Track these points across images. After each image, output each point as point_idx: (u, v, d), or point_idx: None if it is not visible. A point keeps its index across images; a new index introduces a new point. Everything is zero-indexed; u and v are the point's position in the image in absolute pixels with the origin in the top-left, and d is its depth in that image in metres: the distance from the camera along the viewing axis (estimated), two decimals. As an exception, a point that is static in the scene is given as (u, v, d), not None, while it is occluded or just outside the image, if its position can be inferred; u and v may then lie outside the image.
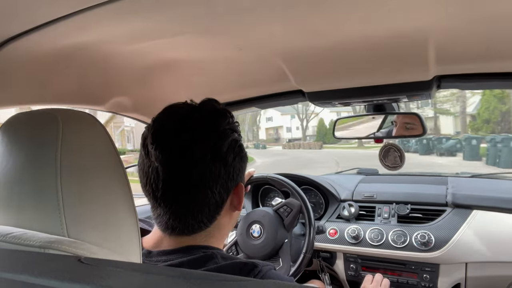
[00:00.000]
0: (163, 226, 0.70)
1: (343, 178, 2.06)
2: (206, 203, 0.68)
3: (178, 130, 0.65)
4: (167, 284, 0.33)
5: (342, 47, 0.90)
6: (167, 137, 0.65)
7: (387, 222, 1.62)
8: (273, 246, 1.39)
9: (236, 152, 0.70)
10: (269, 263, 0.70)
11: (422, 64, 0.99)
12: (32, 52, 0.74)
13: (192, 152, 0.64)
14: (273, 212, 1.46)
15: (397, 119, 1.44)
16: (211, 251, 0.68)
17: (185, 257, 0.67)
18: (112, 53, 0.87)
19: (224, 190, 0.69)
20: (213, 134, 0.67)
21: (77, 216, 0.48)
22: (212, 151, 0.65)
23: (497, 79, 1.08)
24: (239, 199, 0.74)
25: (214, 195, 0.68)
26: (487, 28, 0.79)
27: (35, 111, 0.53)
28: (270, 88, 1.37)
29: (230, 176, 0.69)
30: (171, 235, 0.70)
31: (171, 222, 0.68)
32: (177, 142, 0.64)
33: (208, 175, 0.66)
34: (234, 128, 0.71)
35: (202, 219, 0.69)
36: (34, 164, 0.48)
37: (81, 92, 1.02)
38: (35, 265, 0.38)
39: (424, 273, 1.48)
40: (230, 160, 0.68)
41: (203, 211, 0.68)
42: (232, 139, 0.69)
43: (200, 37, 0.83)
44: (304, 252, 1.41)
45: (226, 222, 0.75)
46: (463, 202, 1.54)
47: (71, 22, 0.64)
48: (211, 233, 0.72)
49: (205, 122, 0.67)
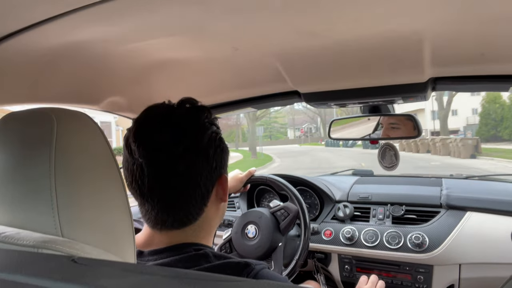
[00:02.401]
0: (152, 222, 0.72)
1: (339, 179, 2.06)
2: (192, 196, 0.70)
3: (159, 126, 0.68)
4: (161, 284, 0.33)
5: (337, 48, 0.90)
6: (150, 134, 0.68)
7: (382, 223, 1.63)
8: (267, 248, 1.39)
9: (216, 145, 0.72)
10: (262, 262, 0.71)
11: (417, 66, 1.00)
12: (26, 51, 0.74)
13: (175, 146, 0.66)
14: (270, 215, 1.45)
15: (383, 120, 1.45)
16: (204, 250, 0.70)
17: (177, 255, 0.68)
18: (107, 52, 0.87)
19: (208, 182, 0.72)
20: (193, 128, 0.69)
21: (71, 215, 0.48)
22: (194, 145, 0.68)
23: (492, 82, 1.09)
24: (223, 190, 0.76)
25: (199, 187, 0.70)
26: (482, 30, 0.79)
27: (29, 110, 0.53)
28: (266, 89, 1.37)
29: (213, 168, 0.72)
30: (161, 230, 0.72)
31: (160, 216, 0.70)
32: (159, 138, 0.67)
33: (191, 168, 0.68)
34: (212, 121, 0.74)
35: (190, 211, 0.71)
36: (28, 163, 0.48)
37: (76, 91, 1.01)
38: (28, 265, 0.38)
39: (418, 274, 1.48)
40: (212, 152, 0.71)
41: (190, 204, 0.70)
42: (211, 131, 0.72)
43: (195, 37, 0.83)
44: (296, 258, 1.40)
45: (213, 214, 0.77)
46: (457, 203, 1.55)
47: (65, 21, 0.63)
48: (200, 226, 0.74)
49: (185, 117, 0.70)
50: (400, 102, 1.28)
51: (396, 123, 1.42)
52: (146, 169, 0.67)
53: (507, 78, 1.07)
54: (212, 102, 1.47)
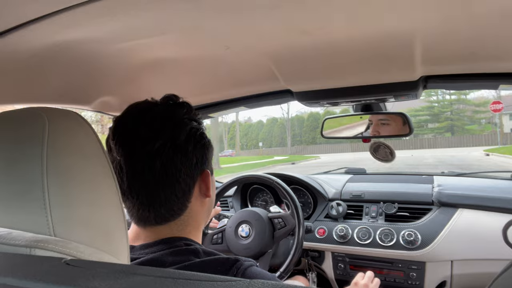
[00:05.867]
0: (135, 219, 0.72)
1: (331, 177, 2.07)
2: (173, 192, 0.70)
3: (137, 124, 0.68)
4: (154, 285, 0.33)
5: (329, 47, 0.91)
6: (127, 132, 0.68)
7: (375, 221, 1.64)
8: (256, 251, 1.38)
9: (196, 140, 0.72)
10: (251, 259, 0.71)
11: (408, 65, 1.01)
12: (17, 50, 0.73)
13: (151, 143, 0.67)
14: (267, 219, 1.44)
15: (372, 117, 1.46)
16: (194, 246, 0.71)
17: (167, 249, 0.68)
18: (99, 52, 0.86)
19: (189, 177, 0.71)
20: (170, 125, 0.69)
21: (63, 215, 0.47)
22: (171, 141, 0.68)
23: (483, 80, 1.10)
24: (206, 186, 0.76)
25: (180, 184, 0.70)
26: (472, 29, 0.80)
27: (20, 110, 0.53)
28: (258, 88, 1.37)
29: (193, 164, 0.72)
30: (145, 226, 0.72)
31: (141, 213, 0.70)
32: (136, 135, 0.67)
33: (170, 165, 0.68)
34: (192, 117, 0.73)
35: (171, 207, 0.71)
36: (20, 163, 0.48)
37: (67, 91, 1.00)
38: (20, 268, 0.37)
39: (411, 271, 1.50)
40: (191, 148, 0.71)
41: (171, 200, 0.70)
42: (190, 127, 0.71)
43: (187, 36, 0.83)
44: (281, 271, 1.39)
45: (198, 210, 0.76)
46: (449, 200, 1.57)
47: (56, 20, 0.63)
48: (185, 221, 0.74)
49: (162, 114, 0.70)
50: (391, 101, 1.29)
51: (386, 119, 1.43)
52: (124, 166, 0.68)
53: (496, 76, 1.08)
54: (205, 102, 1.47)
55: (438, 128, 40.03)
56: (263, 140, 48.86)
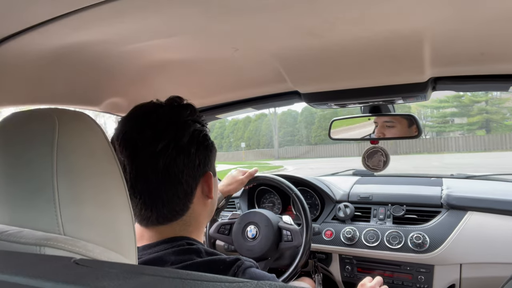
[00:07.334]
0: (138, 218, 0.73)
1: (339, 179, 2.06)
2: (175, 193, 0.71)
3: (140, 125, 0.69)
4: (163, 285, 0.33)
5: (337, 48, 0.90)
6: (131, 133, 0.69)
7: (383, 223, 1.62)
8: (257, 256, 1.38)
9: (199, 142, 0.73)
10: (251, 260, 0.72)
11: (417, 66, 1.00)
12: (27, 52, 0.74)
13: (154, 145, 0.67)
14: (276, 227, 1.43)
15: (377, 119, 1.44)
16: (196, 245, 0.71)
17: (170, 248, 0.69)
18: (108, 53, 0.87)
19: (191, 179, 0.72)
20: (173, 126, 0.70)
21: (73, 214, 0.48)
22: (174, 142, 0.69)
23: (492, 81, 1.09)
24: (209, 188, 0.77)
25: (182, 185, 0.71)
26: (482, 30, 0.79)
27: (31, 110, 0.53)
28: (266, 89, 1.37)
29: (196, 165, 0.72)
30: (147, 226, 0.74)
31: (143, 212, 0.71)
32: (140, 136, 0.68)
33: (172, 166, 0.69)
34: (195, 119, 0.74)
35: (174, 207, 0.72)
36: (30, 162, 0.48)
37: (77, 92, 1.01)
38: (30, 267, 0.38)
39: (419, 274, 1.48)
40: (193, 150, 0.71)
41: (173, 200, 0.71)
42: (193, 129, 0.72)
43: (195, 37, 0.83)
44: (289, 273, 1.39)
45: (200, 210, 0.77)
46: (458, 203, 1.55)
47: (66, 23, 0.63)
48: (187, 222, 0.75)
49: (166, 116, 0.71)
50: (400, 102, 1.28)
51: (391, 121, 1.41)
52: (128, 167, 0.69)
53: (507, 77, 1.07)
54: (212, 103, 1.47)
55: (469, 123, 28.08)
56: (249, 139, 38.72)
